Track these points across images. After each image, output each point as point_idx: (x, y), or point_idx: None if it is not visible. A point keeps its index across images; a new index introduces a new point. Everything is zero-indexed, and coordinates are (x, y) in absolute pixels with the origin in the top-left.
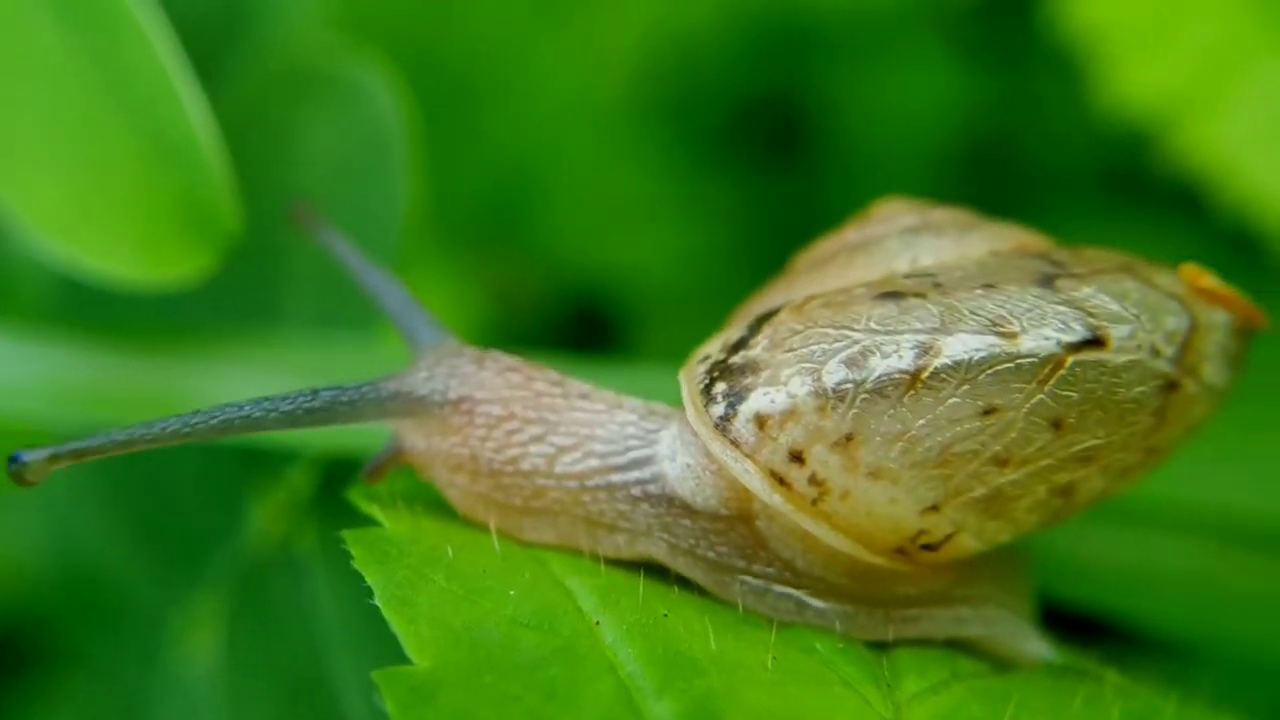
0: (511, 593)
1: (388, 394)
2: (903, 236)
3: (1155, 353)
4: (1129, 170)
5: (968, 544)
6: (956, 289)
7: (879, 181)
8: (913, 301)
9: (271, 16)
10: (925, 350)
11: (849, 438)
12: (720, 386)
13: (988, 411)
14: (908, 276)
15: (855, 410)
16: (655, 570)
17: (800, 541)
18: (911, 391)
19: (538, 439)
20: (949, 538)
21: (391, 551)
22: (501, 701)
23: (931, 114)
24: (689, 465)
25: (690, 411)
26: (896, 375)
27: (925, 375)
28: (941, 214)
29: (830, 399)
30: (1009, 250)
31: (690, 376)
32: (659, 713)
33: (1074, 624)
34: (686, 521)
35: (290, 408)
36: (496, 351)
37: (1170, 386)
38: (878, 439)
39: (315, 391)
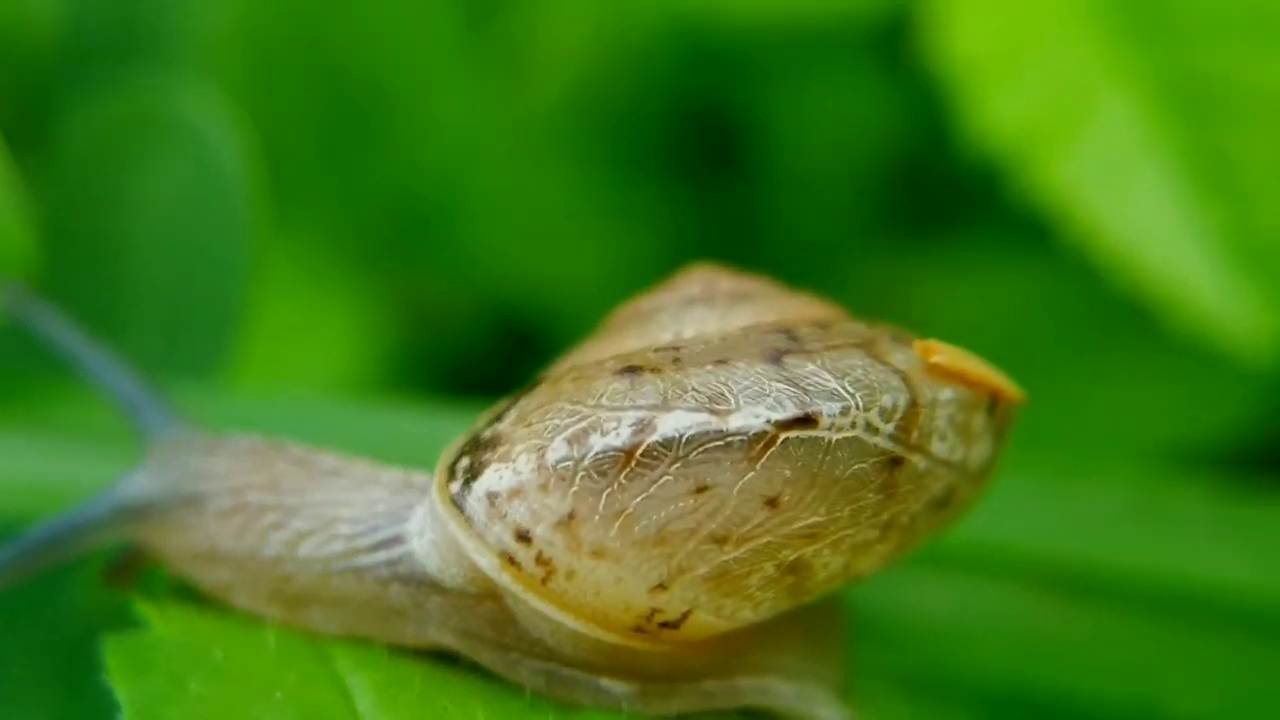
0: (278, 696)
1: (106, 512)
2: (678, 308)
3: (871, 429)
4: None
5: (709, 621)
6: (690, 364)
7: (811, 198)
8: (646, 377)
9: (169, 31)
10: (642, 427)
11: (571, 516)
12: (464, 461)
13: (700, 489)
14: (657, 350)
15: (575, 488)
16: (447, 659)
17: (544, 621)
18: (627, 469)
19: (278, 525)
20: (686, 616)
21: (154, 659)
22: None
23: (862, 130)
24: (435, 542)
25: (434, 487)
26: (612, 453)
27: (639, 453)
28: (729, 284)
29: (552, 477)
30: (768, 324)
31: (448, 450)
32: None
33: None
34: (438, 599)
35: None
36: (235, 435)
37: (894, 463)
38: (597, 518)
39: (14, 538)
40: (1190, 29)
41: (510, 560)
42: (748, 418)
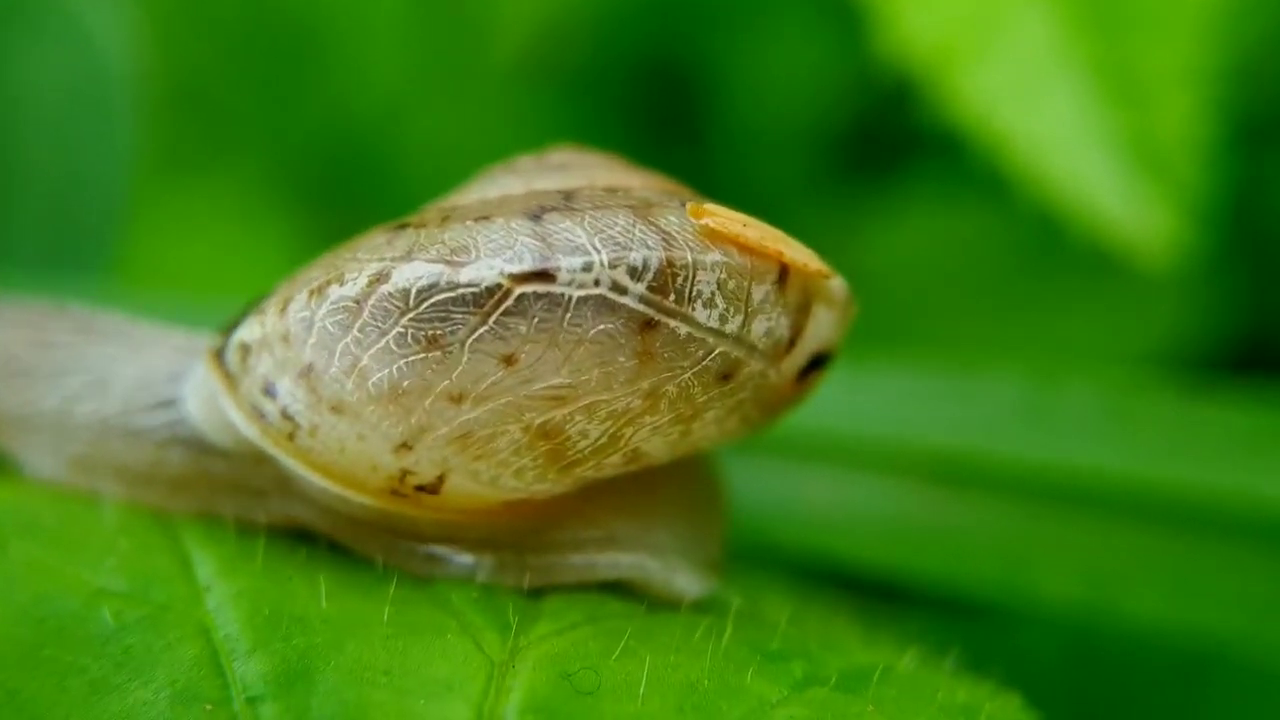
0: (109, 561)
1: None
2: (497, 175)
3: (618, 288)
4: None
5: (470, 487)
6: (454, 220)
7: (767, 148)
8: (406, 232)
9: None
10: (377, 278)
11: (310, 369)
12: (236, 317)
13: (431, 342)
14: (440, 207)
15: (313, 340)
16: (305, 537)
17: (308, 484)
18: (359, 321)
19: (50, 388)
20: (441, 479)
21: None
22: (62, 674)
23: (815, 78)
24: (204, 400)
25: (206, 343)
26: (346, 303)
27: (370, 304)
28: (563, 157)
29: (292, 328)
30: (561, 188)
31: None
32: (246, 672)
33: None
34: (221, 463)
35: None
36: (22, 300)
37: (647, 325)
38: (334, 370)
39: None
40: None
41: (260, 414)
42: (481, 269)
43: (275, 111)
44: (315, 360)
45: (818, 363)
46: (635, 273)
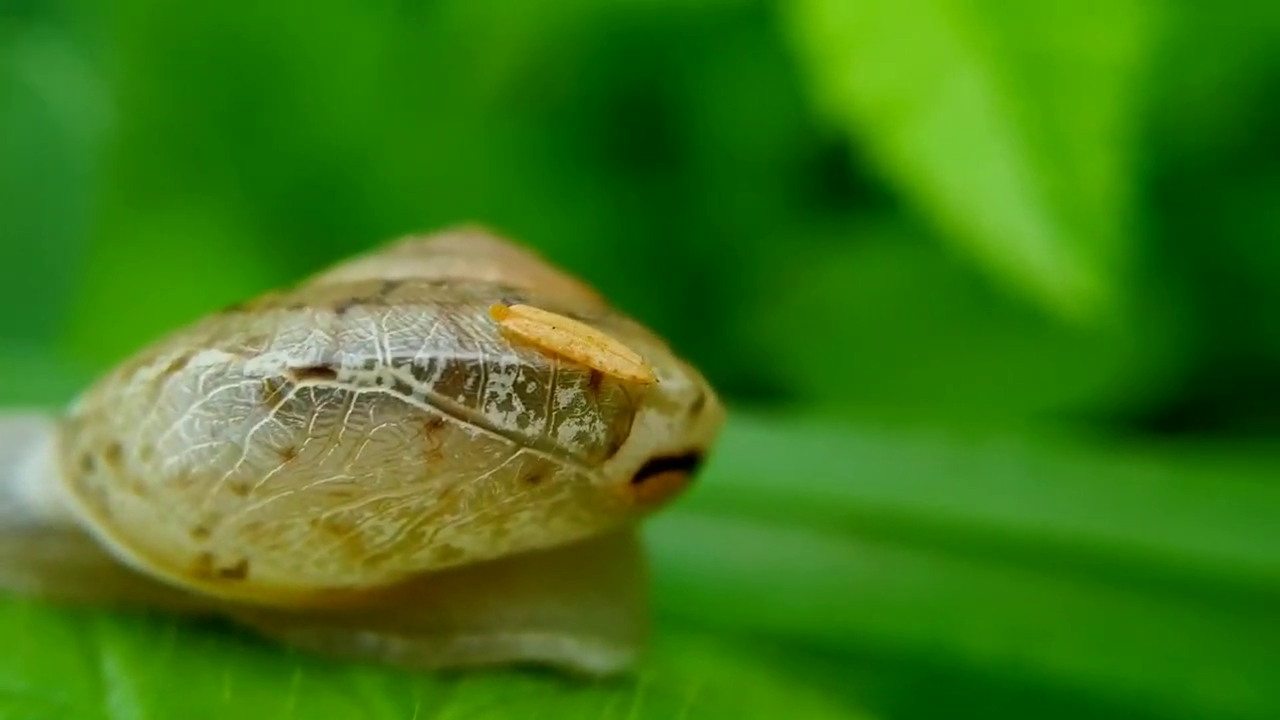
0: (13, 661)
1: None
2: (369, 257)
3: (401, 387)
4: None
5: (273, 574)
6: (276, 306)
7: (735, 182)
8: (234, 315)
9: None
10: (176, 364)
11: (117, 449)
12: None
13: (215, 432)
14: (274, 294)
15: (120, 421)
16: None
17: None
18: (155, 405)
19: None
20: (244, 565)
21: None
22: None
23: (782, 113)
24: (45, 477)
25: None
26: (146, 387)
27: (166, 388)
28: (445, 241)
29: (106, 406)
30: (397, 280)
31: None
32: None
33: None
34: (56, 546)
35: None
36: None
37: (434, 426)
38: (135, 452)
39: None
40: (1031, 5)
41: (80, 487)
42: (266, 362)
43: (243, 147)
44: (121, 440)
45: (658, 467)
46: (421, 372)
